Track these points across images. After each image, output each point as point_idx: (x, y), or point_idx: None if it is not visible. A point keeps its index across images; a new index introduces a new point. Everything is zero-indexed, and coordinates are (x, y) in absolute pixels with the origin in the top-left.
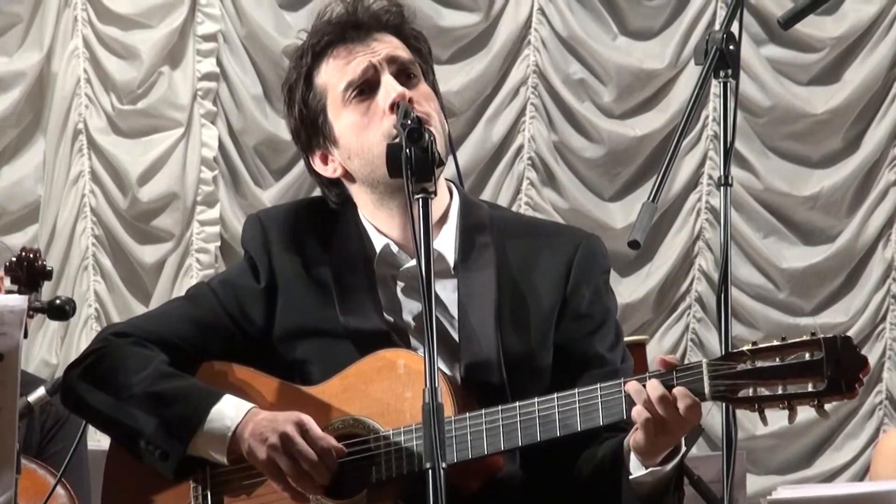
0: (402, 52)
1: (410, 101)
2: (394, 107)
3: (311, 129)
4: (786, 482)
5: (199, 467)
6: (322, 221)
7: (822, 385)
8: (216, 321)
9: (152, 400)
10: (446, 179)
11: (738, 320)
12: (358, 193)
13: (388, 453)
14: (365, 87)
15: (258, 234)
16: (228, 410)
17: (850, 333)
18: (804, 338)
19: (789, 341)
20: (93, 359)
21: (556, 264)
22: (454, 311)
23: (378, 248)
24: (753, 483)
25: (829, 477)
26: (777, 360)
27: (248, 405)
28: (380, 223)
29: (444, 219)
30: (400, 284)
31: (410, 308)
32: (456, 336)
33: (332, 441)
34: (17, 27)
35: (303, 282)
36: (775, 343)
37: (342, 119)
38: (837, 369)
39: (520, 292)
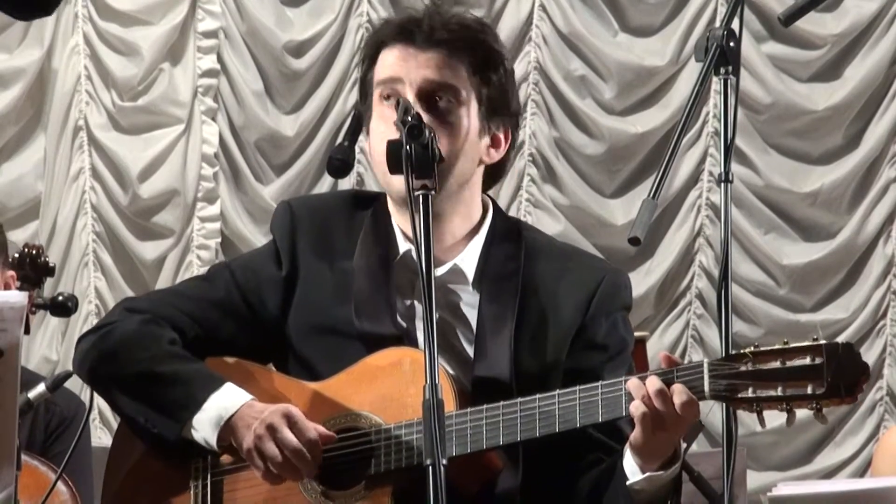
0: (441, 74)
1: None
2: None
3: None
4: (786, 478)
5: (200, 456)
6: (354, 218)
7: (822, 389)
8: (231, 304)
9: (155, 379)
10: (486, 195)
11: (739, 317)
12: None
13: (388, 446)
14: (392, 90)
15: (287, 223)
16: (225, 400)
17: (850, 330)
18: (806, 342)
19: (791, 345)
20: (105, 331)
21: (579, 293)
22: (472, 326)
23: (401, 251)
24: (754, 479)
25: (830, 473)
26: (778, 363)
27: (246, 396)
28: (406, 227)
29: (473, 233)
30: (416, 293)
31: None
32: (471, 351)
33: (321, 430)
34: (17, 24)
35: (324, 277)
36: (777, 346)
37: (373, 110)
38: (838, 374)
39: (540, 316)
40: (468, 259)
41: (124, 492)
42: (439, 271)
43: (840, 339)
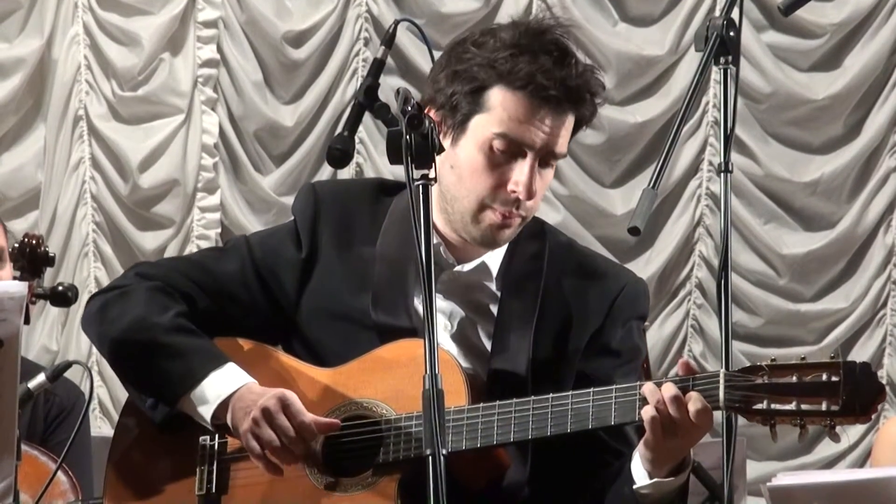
0: (563, 143)
1: (530, 195)
2: (512, 192)
3: (448, 106)
4: (786, 468)
5: (207, 435)
6: (379, 205)
7: (837, 406)
8: (245, 279)
9: (158, 350)
10: None
11: (739, 306)
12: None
13: (397, 436)
14: (514, 147)
15: (310, 206)
16: (225, 379)
17: (850, 319)
18: (823, 359)
19: (809, 361)
20: (115, 294)
21: (600, 297)
22: (493, 321)
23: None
24: (753, 469)
25: (829, 463)
26: (794, 377)
27: (247, 378)
28: (439, 222)
29: None
30: (440, 287)
31: (446, 311)
32: (489, 346)
33: (319, 419)
34: (17, 13)
35: (343, 263)
36: (794, 361)
37: (474, 145)
38: (854, 393)
39: (560, 316)
40: (495, 256)
41: (130, 469)
42: (467, 267)
43: (840, 328)
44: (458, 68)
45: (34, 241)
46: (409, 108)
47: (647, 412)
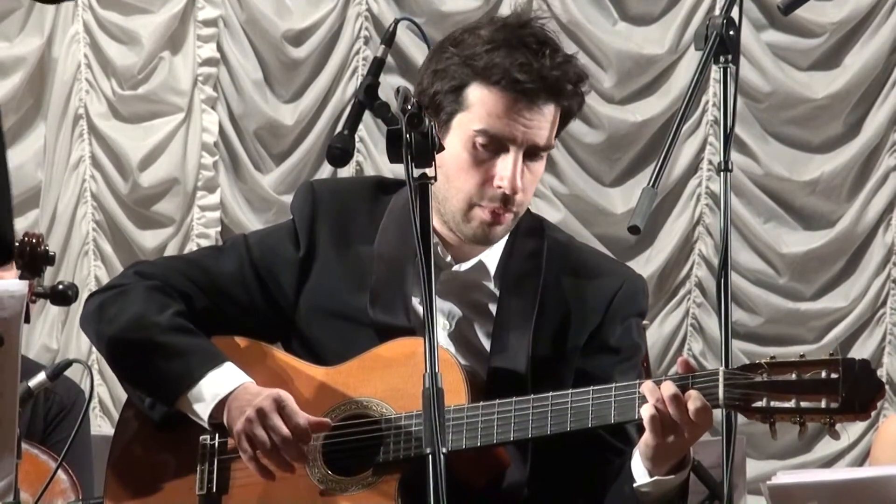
0: (547, 135)
1: (515, 189)
2: (497, 187)
3: (431, 106)
4: (785, 467)
5: (206, 432)
6: (377, 203)
7: (836, 404)
8: (243, 279)
9: (156, 349)
10: None
11: (738, 305)
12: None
13: (398, 435)
14: (496, 142)
15: (308, 205)
16: (223, 378)
17: (850, 318)
18: (823, 356)
19: (808, 359)
20: (113, 293)
21: (599, 296)
22: (491, 320)
23: None
24: (753, 468)
25: (829, 462)
26: (794, 375)
27: (244, 378)
28: (436, 223)
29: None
30: (438, 287)
31: (444, 311)
32: (488, 345)
33: (312, 419)
34: (17, 12)
35: (341, 262)
36: (793, 359)
37: (459, 143)
38: (853, 390)
39: (559, 314)
40: (492, 255)
41: (130, 468)
42: (464, 266)
43: (839, 327)
44: (437, 68)
45: (34, 240)
46: (409, 107)
47: (647, 411)
